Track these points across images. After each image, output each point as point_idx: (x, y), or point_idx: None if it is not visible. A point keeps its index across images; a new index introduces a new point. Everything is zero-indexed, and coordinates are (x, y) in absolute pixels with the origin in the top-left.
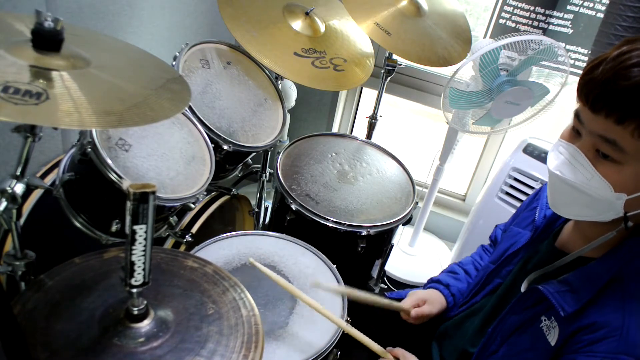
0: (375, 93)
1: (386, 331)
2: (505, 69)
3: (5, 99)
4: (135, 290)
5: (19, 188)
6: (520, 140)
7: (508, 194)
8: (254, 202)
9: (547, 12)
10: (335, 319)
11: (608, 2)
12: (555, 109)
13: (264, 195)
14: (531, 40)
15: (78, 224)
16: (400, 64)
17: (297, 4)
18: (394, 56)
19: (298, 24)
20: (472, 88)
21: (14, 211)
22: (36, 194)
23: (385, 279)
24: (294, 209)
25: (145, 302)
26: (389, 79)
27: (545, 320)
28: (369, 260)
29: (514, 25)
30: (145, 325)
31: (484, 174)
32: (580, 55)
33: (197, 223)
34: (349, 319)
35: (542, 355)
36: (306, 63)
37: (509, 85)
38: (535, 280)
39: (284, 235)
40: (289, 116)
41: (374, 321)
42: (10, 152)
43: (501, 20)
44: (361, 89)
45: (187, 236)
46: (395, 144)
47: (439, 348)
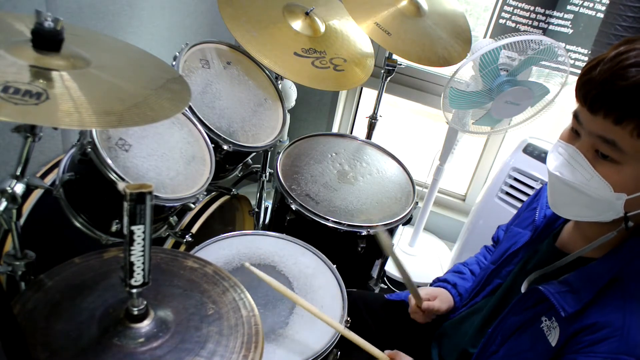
0: (375, 93)
1: (386, 331)
2: (505, 69)
3: (5, 99)
4: (135, 291)
5: (19, 188)
6: (520, 140)
7: (508, 194)
8: (254, 202)
9: (547, 12)
10: (333, 323)
11: (608, 2)
12: (555, 109)
13: (264, 195)
14: (531, 40)
15: (78, 224)
16: (400, 64)
17: (297, 4)
18: (394, 56)
19: (298, 24)
20: (472, 88)
21: (14, 211)
22: (36, 194)
23: (385, 279)
24: (294, 209)
25: (145, 302)
26: (389, 79)
27: (545, 320)
28: (369, 260)
29: (514, 25)
30: (145, 325)
31: (484, 174)
32: (580, 55)
33: (197, 223)
34: (348, 319)
35: (543, 355)
36: (306, 63)
37: (509, 85)
38: (535, 281)
39: (284, 235)
40: (289, 116)
41: (374, 321)
42: (10, 152)
43: (501, 20)
44: (361, 89)
45: (187, 236)
46: (395, 144)
47: (439, 348)
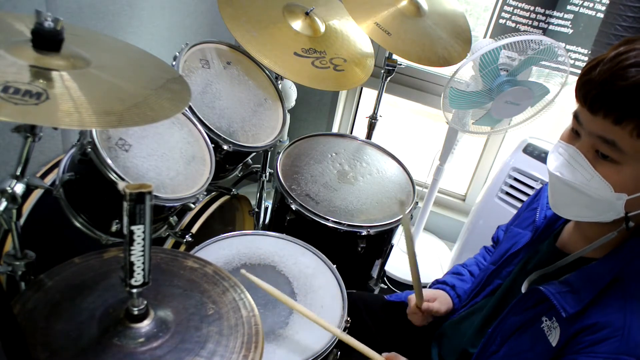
0: (375, 93)
1: (386, 332)
2: (505, 69)
3: (5, 99)
4: (135, 291)
5: (19, 188)
6: (520, 140)
7: (508, 194)
8: (254, 202)
9: (547, 12)
10: (331, 328)
11: (608, 2)
12: (555, 109)
13: (264, 195)
14: (531, 40)
15: (78, 224)
16: (400, 64)
17: (297, 4)
18: (394, 56)
19: (298, 24)
20: (472, 88)
21: (14, 211)
22: (36, 194)
23: (385, 279)
24: (294, 209)
25: (145, 302)
26: (389, 79)
27: (546, 320)
28: (369, 260)
29: (514, 25)
30: (145, 325)
31: (484, 174)
32: (580, 55)
33: (197, 223)
34: (348, 319)
35: (543, 355)
36: (306, 63)
37: (509, 85)
38: (535, 281)
39: (284, 235)
40: (289, 116)
41: (374, 322)
42: (10, 152)
43: (501, 20)
44: (361, 89)
45: (187, 236)
46: (395, 144)
47: (439, 348)
